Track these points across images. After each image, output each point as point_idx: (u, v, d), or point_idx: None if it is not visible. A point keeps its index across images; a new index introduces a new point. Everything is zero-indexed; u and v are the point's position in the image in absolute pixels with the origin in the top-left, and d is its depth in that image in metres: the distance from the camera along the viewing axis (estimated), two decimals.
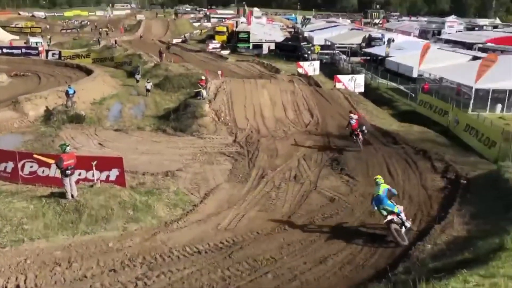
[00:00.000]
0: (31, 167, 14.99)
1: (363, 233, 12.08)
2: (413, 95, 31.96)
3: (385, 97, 34.59)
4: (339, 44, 58.79)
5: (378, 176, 12.44)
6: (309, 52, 53.45)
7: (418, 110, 29.40)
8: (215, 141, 21.67)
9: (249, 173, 17.30)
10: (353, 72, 41.23)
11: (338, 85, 33.12)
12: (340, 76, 34.75)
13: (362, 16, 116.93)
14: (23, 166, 15.02)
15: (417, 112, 29.09)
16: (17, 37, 65.63)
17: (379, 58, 47.56)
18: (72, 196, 12.59)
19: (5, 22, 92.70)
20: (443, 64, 36.51)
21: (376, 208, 11.73)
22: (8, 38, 62.75)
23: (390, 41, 49.03)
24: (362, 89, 33.71)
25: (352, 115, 20.75)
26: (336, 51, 55.59)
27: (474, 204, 13.03)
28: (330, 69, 46.29)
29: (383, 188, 11.82)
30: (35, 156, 15.04)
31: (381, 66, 45.10)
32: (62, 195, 12.73)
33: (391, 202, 11.65)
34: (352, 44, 58.29)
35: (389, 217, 11.29)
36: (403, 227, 11.47)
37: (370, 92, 34.57)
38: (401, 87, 34.70)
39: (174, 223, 12.75)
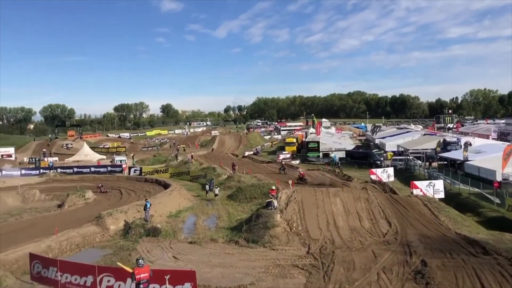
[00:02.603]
0: (108, 281, 15.20)
1: None
2: (499, 201, 29.71)
3: (468, 203, 32.42)
4: (413, 149, 57.91)
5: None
6: (381, 158, 52.82)
7: (507, 216, 27.07)
8: (287, 253, 20.94)
9: None
10: (430, 177, 39.68)
11: (416, 192, 31.77)
12: (417, 182, 33.44)
13: (435, 121, 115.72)
14: (101, 280, 15.30)
15: (507, 219, 26.77)
16: (104, 157, 71.70)
17: (457, 162, 45.79)
18: None
19: (95, 143, 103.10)
20: None
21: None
22: (96, 158, 68.87)
23: (467, 144, 47.51)
24: (442, 195, 32.02)
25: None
26: (410, 157, 54.54)
27: None
28: (405, 175, 45.03)
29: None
30: (118, 263, 15.66)
31: (459, 170, 43.25)
32: None
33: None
34: (427, 149, 57.09)
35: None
36: None
37: (451, 198, 32.73)
38: (485, 193, 32.49)
39: None
